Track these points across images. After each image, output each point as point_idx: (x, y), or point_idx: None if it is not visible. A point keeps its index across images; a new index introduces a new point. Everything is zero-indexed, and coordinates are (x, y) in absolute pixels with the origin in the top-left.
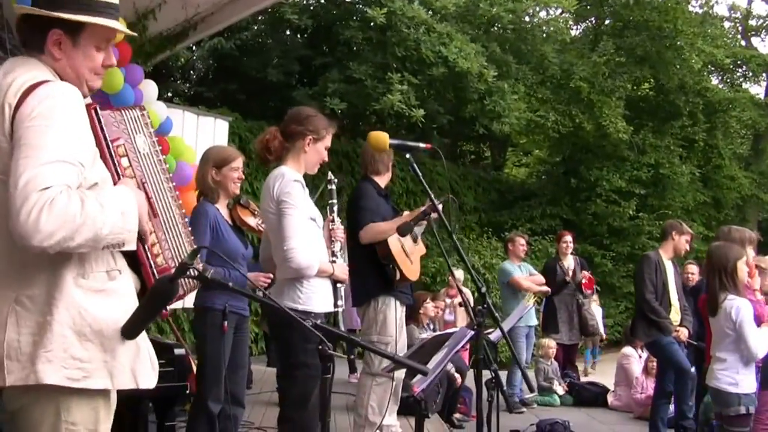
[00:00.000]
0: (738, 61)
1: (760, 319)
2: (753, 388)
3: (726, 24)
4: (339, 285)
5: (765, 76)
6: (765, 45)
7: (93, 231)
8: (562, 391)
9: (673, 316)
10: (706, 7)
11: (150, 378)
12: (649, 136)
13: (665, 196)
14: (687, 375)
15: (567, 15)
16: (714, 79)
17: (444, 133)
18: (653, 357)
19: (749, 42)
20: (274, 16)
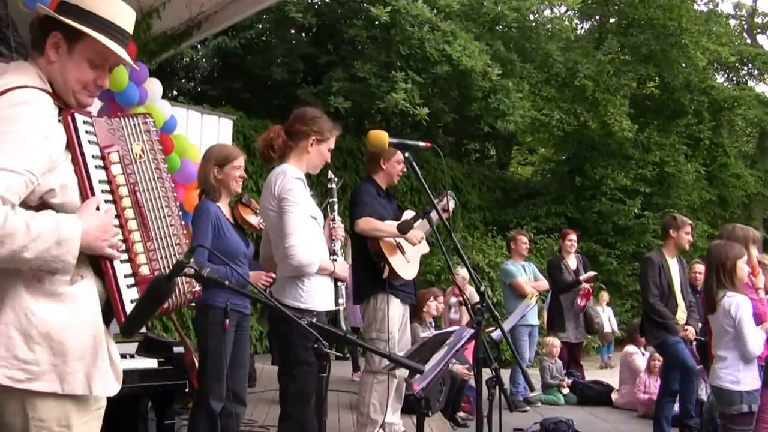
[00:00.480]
0: (743, 59)
1: (760, 318)
2: (755, 385)
3: (731, 22)
4: (340, 283)
5: None
6: None
7: (9, 251)
8: (566, 390)
9: (680, 315)
10: (711, 5)
11: (108, 386)
12: (654, 134)
13: (670, 194)
14: (692, 374)
15: (572, 13)
16: (719, 77)
17: (448, 132)
18: (659, 356)
19: (754, 40)
20: (278, 14)
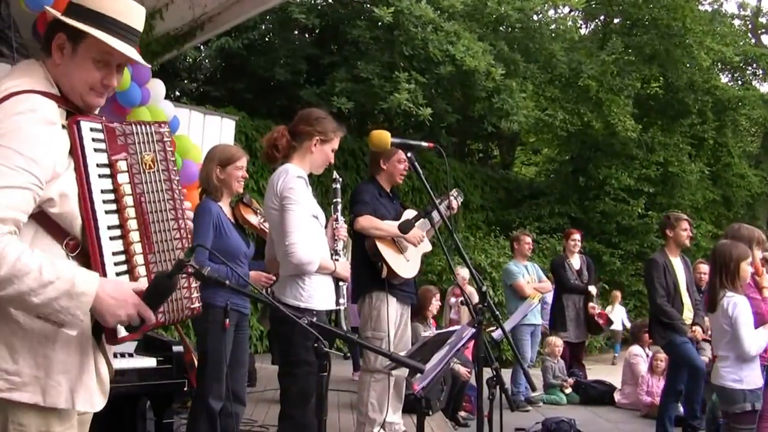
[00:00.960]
0: (748, 59)
1: (762, 318)
2: (758, 384)
3: (736, 22)
4: (341, 283)
5: None
6: None
7: (17, 291)
8: (568, 389)
9: (686, 314)
10: (715, 5)
11: (92, 401)
12: (658, 134)
13: (674, 194)
14: (700, 374)
15: (576, 14)
16: (724, 77)
17: (452, 132)
18: (663, 356)
19: (758, 40)
20: (281, 15)
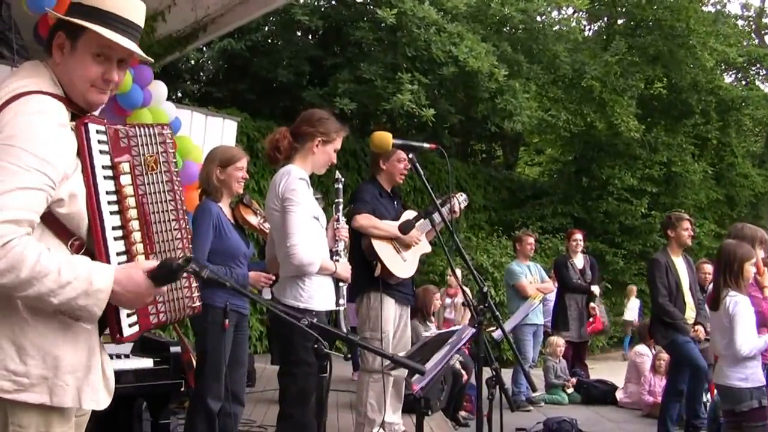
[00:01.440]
0: (751, 60)
1: (764, 316)
2: (762, 381)
3: (739, 22)
4: (341, 284)
5: None
6: None
7: (37, 292)
8: (570, 389)
9: (689, 313)
10: (718, 6)
11: (98, 400)
12: (662, 134)
13: (677, 194)
14: (702, 373)
15: (579, 15)
16: (728, 78)
17: (455, 133)
18: (665, 355)
19: (762, 40)
20: (284, 17)
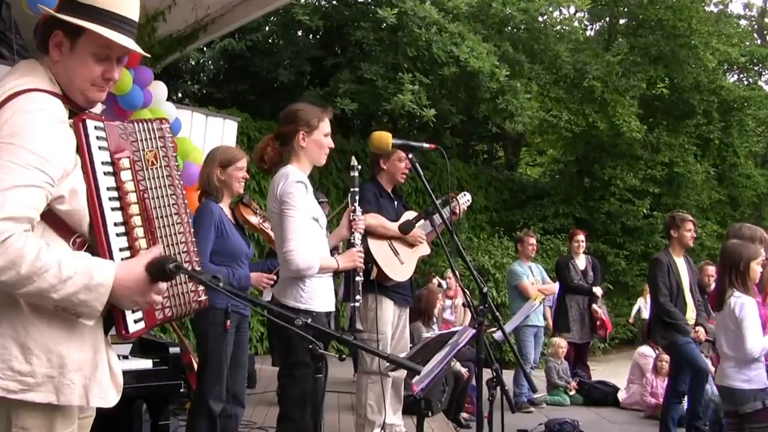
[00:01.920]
0: (754, 60)
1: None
2: (766, 383)
3: (742, 22)
4: (357, 278)
5: None
6: None
7: (38, 288)
8: (572, 390)
9: (689, 314)
10: (721, 6)
11: (106, 398)
12: (664, 134)
13: (680, 194)
14: (703, 374)
15: (581, 14)
16: (731, 78)
17: (456, 133)
18: (667, 356)
19: (764, 40)
20: (285, 17)
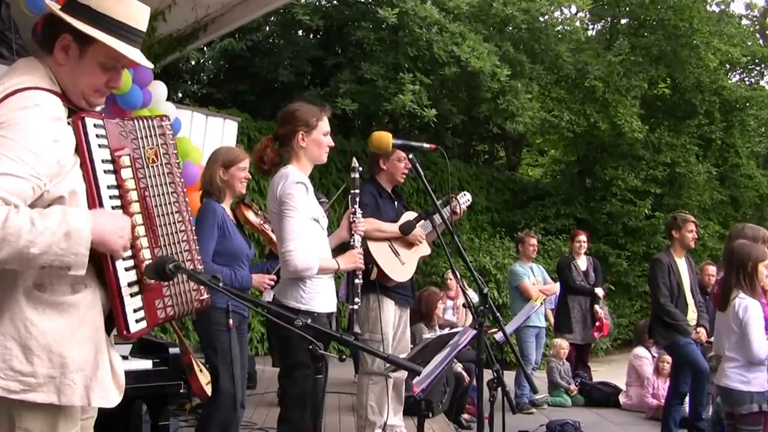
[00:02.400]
0: (755, 60)
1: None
2: (765, 386)
3: (744, 22)
4: (357, 281)
5: None
6: None
7: (15, 248)
8: (573, 391)
9: (690, 315)
10: (722, 6)
11: (107, 397)
12: (665, 134)
13: (681, 195)
14: (704, 375)
15: (582, 14)
16: (733, 78)
17: (457, 133)
18: (669, 357)
19: (766, 40)
20: (285, 16)
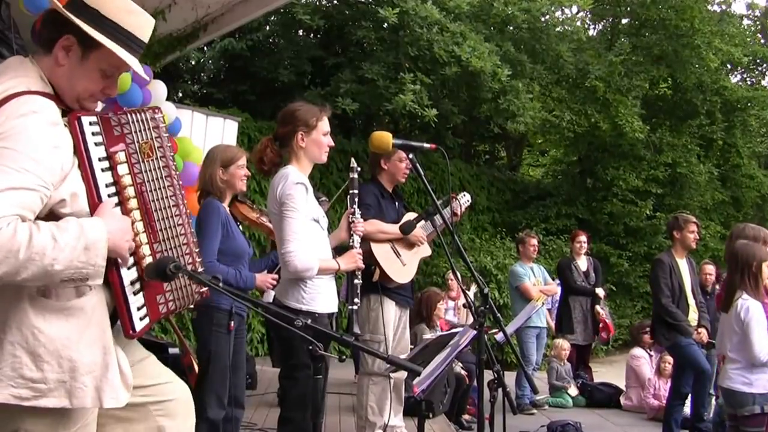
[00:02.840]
0: (757, 60)
1: None
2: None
3: (745, 22)
4: (356, 281)
5: None
6: None
7: (40, 267)
8: (574, 392)
9: (691, 315)
10: (724, 6)
11: (117, 397)
12: (667, 135)
13: (683, 195)
14: (706, 376)
15: (583, 14)
16: (734, 78)
17: (458, 133)
18: (670, 358)
19: None
20: (286, 16)
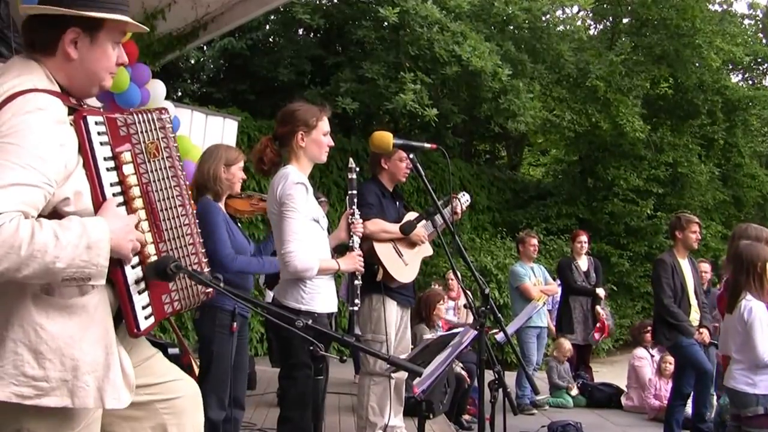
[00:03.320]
0: (758, 59)
1: None
2: None
3: (746, 22)
4: (357, 282)
5: None
6: None
7: (42, 264)
8: (575, 392)
9: (693, 315)
10: (725, 5)
11: (120, 398)
12: (668, 134)
13: (684, 195)
14: (707, 376)
15: (584, 14)
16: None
17: (458, 133)
18: (671, 358)
19: None
20: (285, 15)
